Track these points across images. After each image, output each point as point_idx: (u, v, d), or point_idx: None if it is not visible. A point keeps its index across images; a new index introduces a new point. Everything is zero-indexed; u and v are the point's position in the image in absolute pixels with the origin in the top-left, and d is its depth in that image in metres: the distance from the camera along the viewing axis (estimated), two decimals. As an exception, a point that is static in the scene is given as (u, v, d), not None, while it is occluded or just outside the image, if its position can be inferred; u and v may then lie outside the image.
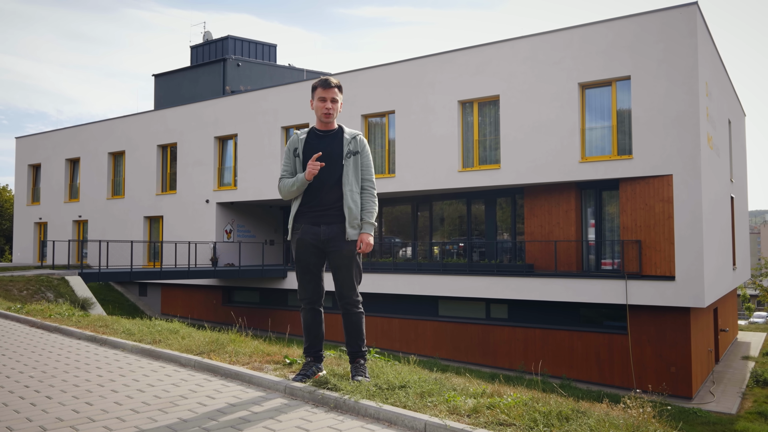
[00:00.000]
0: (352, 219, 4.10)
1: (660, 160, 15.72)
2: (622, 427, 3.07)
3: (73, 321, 8.02)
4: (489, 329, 18.62)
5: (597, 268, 17.68)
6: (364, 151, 4.22)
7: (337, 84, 4.18)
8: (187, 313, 24.72)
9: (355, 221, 4.10)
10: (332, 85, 4.15)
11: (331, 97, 4.15)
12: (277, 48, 35.11)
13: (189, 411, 3.71)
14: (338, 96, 4.19)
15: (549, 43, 17.58)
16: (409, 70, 20.31)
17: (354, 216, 4.10)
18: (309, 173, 4.03)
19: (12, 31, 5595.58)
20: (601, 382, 16.34)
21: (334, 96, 4.16)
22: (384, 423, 3.40)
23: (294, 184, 4.14)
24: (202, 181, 25.27)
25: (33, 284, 17.98)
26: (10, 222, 40.72)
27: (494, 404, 3.44)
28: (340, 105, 4.23)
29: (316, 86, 4.18)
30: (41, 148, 32.33)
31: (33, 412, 3.74)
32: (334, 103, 4.17)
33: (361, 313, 4.24)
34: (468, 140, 19.24)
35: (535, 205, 18.59)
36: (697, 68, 15.29)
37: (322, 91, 4.16)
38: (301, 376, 4.16)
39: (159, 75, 34.23)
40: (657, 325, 15.77)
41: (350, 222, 4.09)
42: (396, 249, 22.96)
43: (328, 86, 4.15)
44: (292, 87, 23.28)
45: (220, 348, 5.45)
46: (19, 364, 5.33)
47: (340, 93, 4.20)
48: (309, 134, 4.28)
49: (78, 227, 30.36)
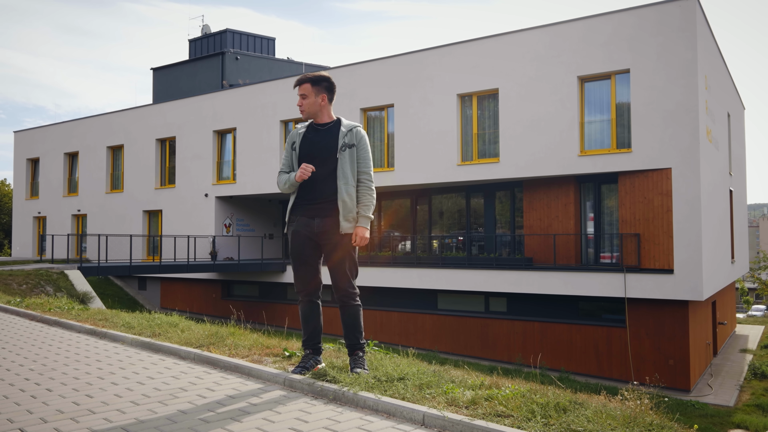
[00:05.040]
0: (347, 212, 4.10)
1: (659, 154, 15.72)
2: (619, 419, 3.09)
3: (72, 314, 8.04)
4: (488, 322, 18.66)
5: (596, 261, 17.71)
6: (361, 144, 4.20)
7: (305, 79, 4.21)
8: (187, 306, 24.74)
9: (349, 214, 4.10)
10: (300, 83, 4.23)
11: (300, 95, 4.23)
12: (275, 41, 35.01)
13: (189, 403, 3.73)
14: (310, 91, 4.20)
15: (548, 36, 17.54)
16: (407, 64, 20.27)
17: (349, 209, 4.10)
18: (299, 176, 4.08)
19: (8, 25, 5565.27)
20: (599, 375, 16.40)
21: (303, 93, 4.21)
22: (383, 414, 3.42)
23: (287, 182, 4.23)
24: (201, 175, 25.25)
25: (32, 278, 17.99)
26: (9, 216, 40.73)
27: (492, 396, 3.46)
28: (321, 98, 4.22)
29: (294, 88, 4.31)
30: (40, 143, 32.28)
31: (34, 404, 3.76)
32: (303, 99, 4.22)
33: (358, 305, 4.24)
34: (467, 134, 19.23)
35: (534, 198, 18.60)
36: (696, 62, 15.27)
37: (297, 92, 4.27)
38: (300, 368, 4.18)
39: (157, 69, 34.13)
40: (655, 318, 15.82)
41: (344, 215, 4.10)
42: (395, 243, 22.97)
43: (297, 84, 4.25)
44: (291, 80, 23.09)
45: (220, 341, 5.47)
46: (19, 358, 5.35)
47: (315, 87, 4.20)
48: (308, 128, 4.31)
49: (77, 221, 30.35)
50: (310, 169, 4.05)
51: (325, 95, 4.25)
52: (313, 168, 4.07)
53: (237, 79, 30.15)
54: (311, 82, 4.20)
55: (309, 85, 4.20)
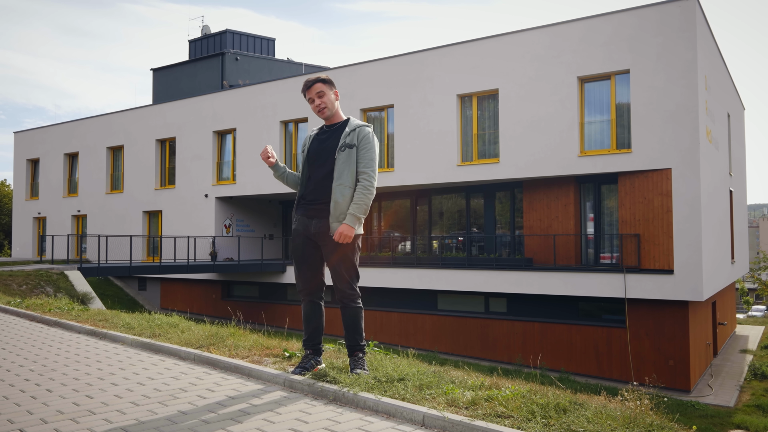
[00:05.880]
0: (338, 213, 4.06)
1: (659, 154, 15.73)
2: (619, 419, 3.09)
3: (72, 315, 8.03)
4: (488, 323, 18.66)
5: (596, 261, 17.71)
6: (363, 143, 4.13)
7: (316, 79, 4.19)
8: (187, 307, 24.74)
9: (341, 216, 4.05)
10: (311, 83, 4.18)
11: (316, 94, 4.17)
12: (275, 42, 35.01)
13: (189, 404, 3.73)
14: (324, 88, 4.18)
15: (548, 36, 17.55)
16: (407, 65, 20.28)
17: (341, 211, 4.05)
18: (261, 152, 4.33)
19: (7, 26, 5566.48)
20: (599, 376, 16.40)
21: (319, 91, 4.17)
22: (383, 415, 3.42)
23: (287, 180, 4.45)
24: (201, 176, 25.25)
25: (32, 279, 17.99)
26: (9, 217, 40.72)
27: (492, 396, 3.46)
28: (334, 94, 4.23)
29: (302, 92, 4.25)
30: (40, 143, 32.29)
31: (34, 405, 3.76)
32: (321, 97, 4.17)
33: (358, 307, 4.22)
34: (467, 134, 19.23)
35: (534, 199, 18.60)
36: (696, 62, 15.27)
37: (306, 94, 4.21)
38: (300, 368, 4.17)
39: (157, 69, 34.14)
40: (655, 318, 15.81)
41: (336, 216, 4.06)
42: (395, 243, 22.98)
43: (309, 86, 4.18)
44: (291, 81, 23.23)
45: (220, 341, 5.47)
46: (19, 358, 5.35)
47: (326, 84, 4.19)
48: (319, 130, 4.35)
49: (77, 222, 30.35)
50: (265, 149, 4.26)
51: (336, 91, 4.29)
52: (268, 150, 4.26)
53: (237, 80, 30.16)
54: (322, 81, 4.20)
55: (321, 84, 4.18)
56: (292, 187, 4.44)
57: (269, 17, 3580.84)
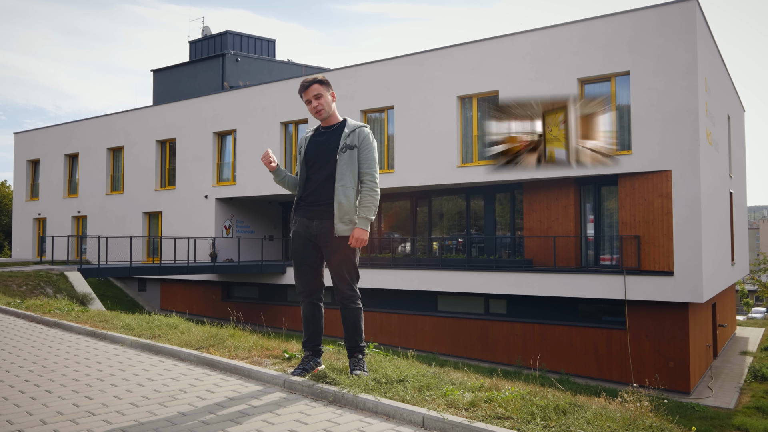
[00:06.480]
0: (343, 215, 4.05)
1: (659, 156, 15.73)
2: (618, 421, 3.09)
3: (72, 316, 8.03)
4: (488, 324, 18.66)
5: (596, 263, 17.71)
6: (363, 144, 4.13)
7: (313, 81, 4.17)
8: (187, 308, 24.73)
9: (345, 217, 4.05)
10: (308, 85, 4.16)
11: (313, 96, 4.15)
12: (275, 43, 35.03)
13: (188, 405, 3.73)
14: (322, 89, 4.16)
15: (548, 38, 17.56)
16: (408, 66, 20.28)
17: (345, 212, 4.05)
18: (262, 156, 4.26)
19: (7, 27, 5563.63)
20: (599, 377, 16.39)
21: (316, 93, 4.15)
22: (382, 417, 3.42)
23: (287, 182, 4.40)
24: (201, 177, 25.26)
25: (32, 280, 17.98)
26: (9, 218, 40.71)
27: (492, 398, 3.46)
28: (330, 95, 4.22)
29: (299, 93, 4.23)
30: (40, 144, 32.30)
31: (33, 406, 3.76)
32: (318, 99, 4.16)
33: (358, 308, 4.22)
34: (467, 135, 19.23)
35: (534, 200, 18.60)
36: (696, 64, 15.28)
37: (304, 95, 4.19)
38: (299, 370, 4.17)
39: (157, 70, 34.15)
40: (655, 320, 15.81)
41: (340, 218, 4.05)
42: (395, 244, 22.97)
43: (306, 87, 4.17)
44: (291, 82, 23.23)
45: (220, 343, 5.47)
46: (18, 359, 5.35)
47: (323, 86, 4.18)
48: (315, 132, 4.32)
49: (77, 223, 30.35)
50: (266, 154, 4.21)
51: (333, 92, 4.27)
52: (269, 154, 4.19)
53: (237, 81, 30.16)
54: (319, 83, 4.19)
55: (318, 85, 4.17)
56: (292, 190, 4.41)
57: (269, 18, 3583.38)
